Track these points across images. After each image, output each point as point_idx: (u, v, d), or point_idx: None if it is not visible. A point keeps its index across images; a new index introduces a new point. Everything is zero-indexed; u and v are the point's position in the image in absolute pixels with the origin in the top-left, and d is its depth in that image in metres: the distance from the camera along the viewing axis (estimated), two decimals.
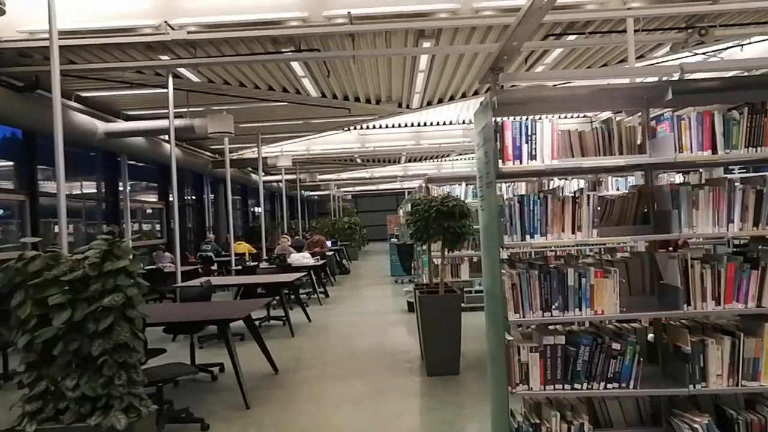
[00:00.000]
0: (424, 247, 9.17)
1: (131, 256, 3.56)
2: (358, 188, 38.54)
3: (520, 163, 3.25)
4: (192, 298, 6.93)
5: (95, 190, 13.39)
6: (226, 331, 5.25)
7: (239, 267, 11.21)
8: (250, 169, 20.87)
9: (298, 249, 15.02)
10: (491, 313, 3.53)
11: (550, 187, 8.57)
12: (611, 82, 3.89)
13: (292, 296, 10.08)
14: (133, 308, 3.51)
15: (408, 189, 37.30)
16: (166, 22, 6.52)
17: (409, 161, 24.39)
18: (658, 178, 6.22)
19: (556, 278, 3.20)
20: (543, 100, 3.57)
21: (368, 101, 12.24)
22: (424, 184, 9.43)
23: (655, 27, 8.01)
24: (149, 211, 16.45)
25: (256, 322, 8.89)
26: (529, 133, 3.26)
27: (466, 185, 9.56)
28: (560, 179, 9.79)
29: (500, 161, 3.23)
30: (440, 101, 12.77)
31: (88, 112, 10.12)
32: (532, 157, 3.26)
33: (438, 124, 19.02)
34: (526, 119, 3.29)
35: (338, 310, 10.49)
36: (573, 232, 3.21)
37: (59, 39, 5.57)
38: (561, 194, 3.28)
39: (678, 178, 6.90)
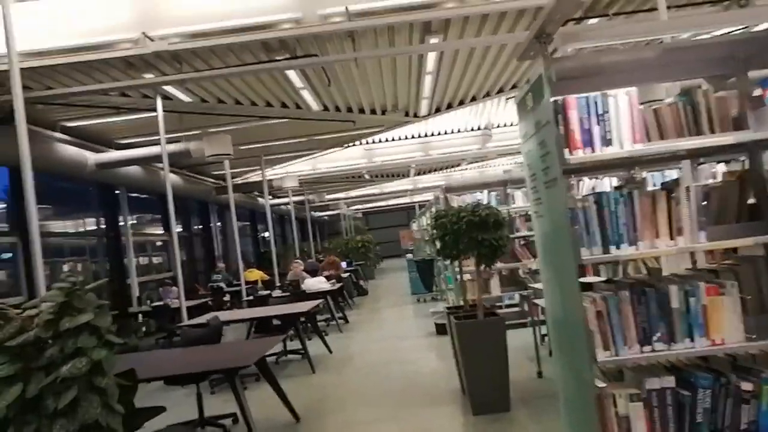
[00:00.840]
0: (450, 263, 8.37)
1: (97, 307, 2.80)
2: (367, 205, 37.86)
3: (592, 151, 2.47)
4: (197, 340, 6.15)
5: (95, 227, 12.72)
6: (234, 380, 4.47)
7: (250, 297, 10.44)
8: (256, 193, 20.20)
9: (312, 273, 14.27)
10: (566, 350, 2.72)
11: (582, 189, 7.78)
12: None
13: (309, 325, 9.29)
14: (104, 375, 2.74)
15: (420, 202, 36.55)
16: (144, 33, 5.81)
17: (418, 174, 23.66)
18: (699, 169, 5.40)
19: (654, 300, 2.40)
20: (604, 70, 2.78)
21: (373, 112, 11.52)
22: (442, 195, 8.65)
23: (687, 2, 7.23)
24: (159, 243, 15.76)
25: (272, 358, 8.13)
26: (600, 111, 2.49)
27: (489, 192, 8.81)
28: (590, 178, 8.97)
29: (566, 150, 2.46)
30: (449, 107, 12.02)
31: (77, 143, 9.44)
32: (607, 142, 2.48)
33: (446, 133, 18.34)
34: (595, 95, 2.51)
35: (360, 337, 9.67)
36: (671, 238, 2.42)
37: (26, 61, 4.90)
38: (648, 188, 2.50)
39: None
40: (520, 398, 5.09)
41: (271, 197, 23.53)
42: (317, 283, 10.33)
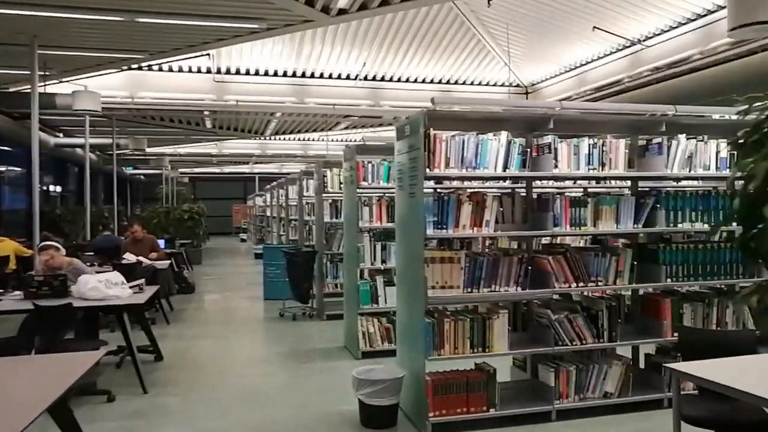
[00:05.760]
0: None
1: None
2: (197, 170, 31.25)
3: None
4: None
5: None
6: None
7: None
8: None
9: (111, 253, 8.67)
10: None
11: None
12: None
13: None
14: None
15: (261, 174, 30.76)
16: None
17: (277, 133, 18.30)
18: None
19: None
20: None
21: None
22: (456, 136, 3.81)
23: None
24: None
25: None
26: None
27: None
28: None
29: None
30: (385, 3, 7.18)
31: None
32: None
33: (331, 77, 13.39)
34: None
35: (189, 428, 4.40)
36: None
37: None
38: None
39: None
40: None
41: (61, 135, 16.55)
42: (104, 288, 4.86)
